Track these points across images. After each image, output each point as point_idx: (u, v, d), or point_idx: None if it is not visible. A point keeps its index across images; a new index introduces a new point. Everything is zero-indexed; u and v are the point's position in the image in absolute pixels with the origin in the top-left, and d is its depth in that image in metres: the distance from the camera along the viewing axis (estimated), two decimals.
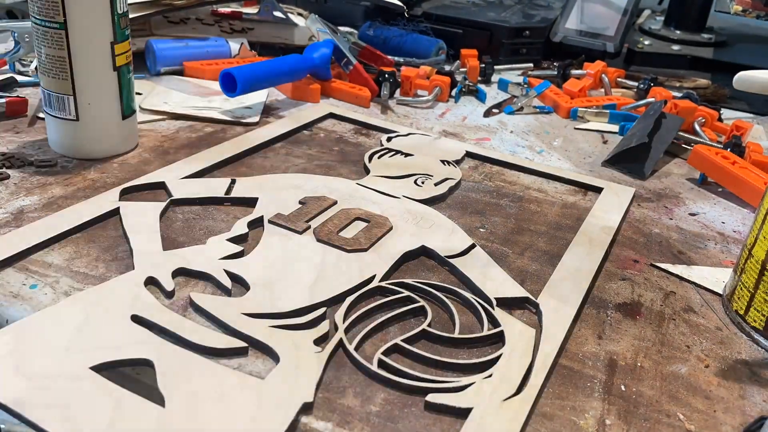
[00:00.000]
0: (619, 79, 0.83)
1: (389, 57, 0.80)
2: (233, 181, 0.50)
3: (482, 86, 0.78)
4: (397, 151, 0.58)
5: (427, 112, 0.72)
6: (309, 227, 0.45)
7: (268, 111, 0.67)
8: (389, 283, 0.39)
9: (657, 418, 0.32)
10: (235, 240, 0.43)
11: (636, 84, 0.80)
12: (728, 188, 0.57)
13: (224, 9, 0.89)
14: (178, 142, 0.57)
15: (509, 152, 0.63)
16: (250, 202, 0.48)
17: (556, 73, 0.82)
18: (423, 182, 0.53)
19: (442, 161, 0.57)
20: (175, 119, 0.62)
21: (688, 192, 0.58)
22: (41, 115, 0.60)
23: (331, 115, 0.66)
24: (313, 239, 0.43)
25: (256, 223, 0.45)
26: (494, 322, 0.37)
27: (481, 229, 0.48)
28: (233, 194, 0.48)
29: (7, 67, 0.68)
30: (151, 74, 0.72)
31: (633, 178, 0.60)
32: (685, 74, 0.91)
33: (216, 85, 0.66)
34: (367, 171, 0.55)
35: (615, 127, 0.71)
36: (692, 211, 0.55)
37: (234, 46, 0.77)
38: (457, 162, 0.58)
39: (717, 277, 0.45)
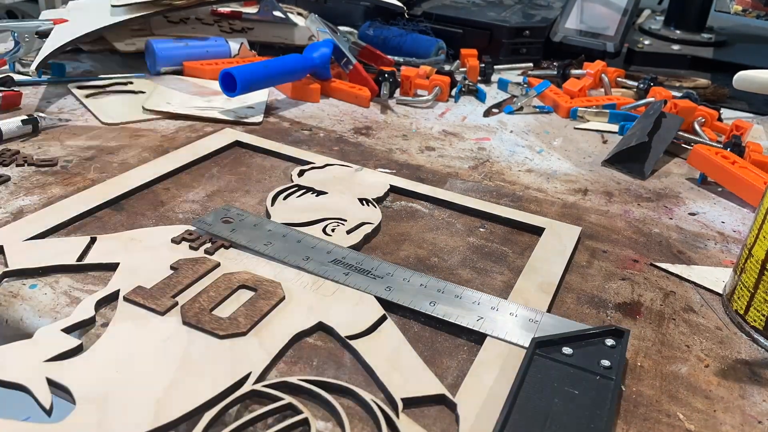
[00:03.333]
0: (619, 79, 0.83)
1: (389, 57, 0.80)
2: (93, 241, 0.40)
3: (482, 86, 0.78)
4: (309, 189, 0.49)
5: (427, 112, 0.72)
6: (176, 304, 0.35)
7: (269, 111, 0.67)
8: (267, 385, 0.30)
9: (657, 418, 0.32)
10: (75, 328, 0.33)
11: (636, 84, 0.80)
12: (728, 188, 0.57)
13: (224, 9, 0.89)
14: (178, 142, 0.57)
15: (509, 152, 0.63)
16: (112, 269, 0.38)
17: (556, 72, 0.82)
18: (333, 230, 0.44)
19: (361, 200, 0.48)
20: (174, 119, 0.62)
21: (688, 192, 0.58)
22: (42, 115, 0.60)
23: (237, 143, 0.57)
24: (178, 321, 0.34)
25: (112, 301, 0.35)
26: None
27: (481, 229, 0.48)
28: (90, 259, 0.38)
29: (6, 66, 0.68)
30: (151, 74, 0.72)
31: (633, 178, 0.60)
32: (685, 74, 0.91)
33: (216, 85, 0.66)
34: (269, 217, 0.46)
35: (615, 127, 0.71)
36: (692, 210, 0.55)
37: (234, 46, 0.77)
38: (379, 200, 0.50)
39: (717, 277, 0.45)
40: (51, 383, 0.30)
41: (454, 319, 0.36)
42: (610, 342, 0.35)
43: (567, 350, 0.34)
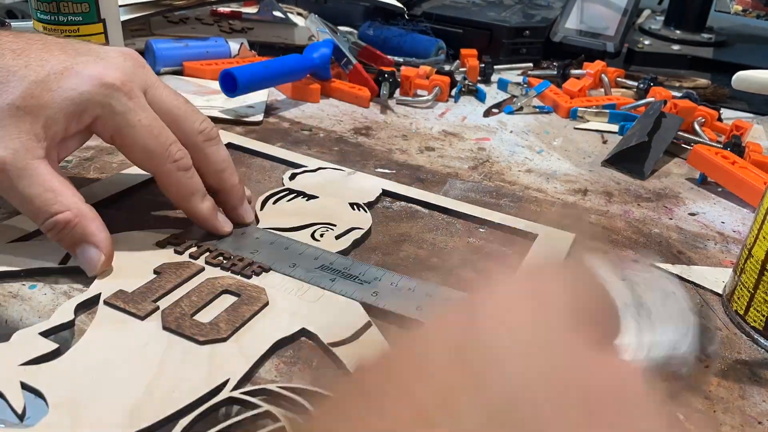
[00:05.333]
0: (618, 79, 0.83)
1: (389, 57, 0.80)
2: None
3: (482, 86, 0.78)
4: (300, 193, 0.49)
5: (427, 112, 0.72)
6: (156, 308, 0.34)
7: (269, 111, 0.67)
8: (246, 392, 0.30)
9: None
10: (53, 332, 0.33)
11: (636, 84, 0.80)
12: (728, 188, 0.57)
13: (224, 9, 0.89)
14: None
15: (509, 152, 0.63)
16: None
17: (555, 72, 0.82)
18: (322, 235, 0.43)
19: (351, 204, 0.48)
20: None
21: (688, 192, 0.58)
22: None
23: (230, 145, 0.56)
24: (158, 326, 0.33)
25: (93, 305, 0.35)
26: None
27: (481, 229, 0.48)
28: (74, 261, 0.37)
29: None
30: None
31: (633, 178, 0.60)
32: (685, 74, 0.91)
33: (216, 85, 0.66)
34: (258, 222, 0.45)
35: (615, 127, 0.71)
36: (692, 211, 0.55)
37: (234, 46, 0.77)
38: (370, 205, 0.49)
39: (717, 277, 0.45)
40: (25, 387, 0.29)
41: None
42: None
43: None
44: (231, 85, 0.63)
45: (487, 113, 0.72)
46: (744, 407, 0.33)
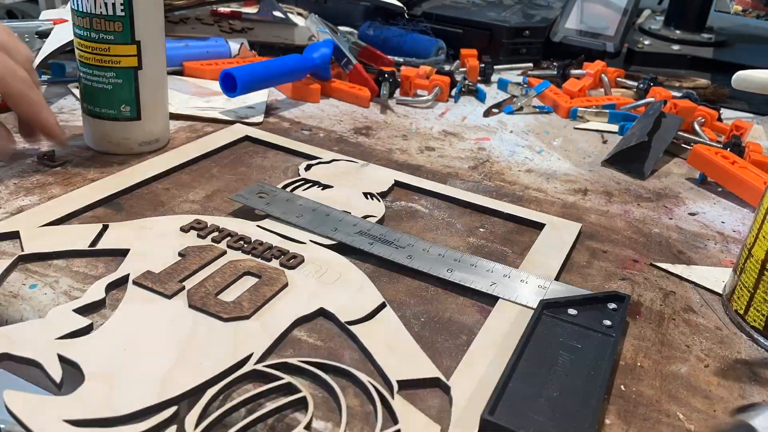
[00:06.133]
0: (618, 79, 0.83)
1: (389, 57, 0.80)
2: (105, 228, 0.41)
3: (482, 86, 0.78)
4: (315, 183, 0.51)
5: (427, 112, 0.72)
6: (182, 288, 0.36)
7: (269, 111, 0.67)
8: (268, 365, 0.32)
9: (657, 418, 0.32)
10: (86, 309, 0.35)
11: (636, 84, 0.80)
12: (728, 188, 0.57)
13: (224, 9, 0.89)
14: (177, 142, 0.57)
15: (509, 152, 0.63)
16: (122, 254, 0.39)
17: (555, 72, 0.82)
18: None
19: (365, 194, 0.49)
20: (174, 119, 0.62)
21: (688, 192, 0.58)
22: None
23: (247, 138, 0.58)
24: (185, 304, 0.35)
25: (122, 284, 0.37)
26: (392, 415, 0.30)
27: (481, 229, 0.48)
28: (102, 245, 0.40)
29: None
30: None
31: (633, 178, 0.60)
32: (685, 74, 0.91)
33: (216, 85, 0.66)
34: None
35: (615, 127, 0.71)
36: (692, 210, 0.55)
37: (234, 46, 0.77)
38: (383, 195, 0.51)
39: (717, 277, 0.45)
40: (62, 359, 0.31)
41: (469, 284, 0.39)
42: (612, 306, 0.38)
43: (572, 311, 0.37)
44: (231, 85, 0.63)
45: (487, 113, 0.73)
46: None
